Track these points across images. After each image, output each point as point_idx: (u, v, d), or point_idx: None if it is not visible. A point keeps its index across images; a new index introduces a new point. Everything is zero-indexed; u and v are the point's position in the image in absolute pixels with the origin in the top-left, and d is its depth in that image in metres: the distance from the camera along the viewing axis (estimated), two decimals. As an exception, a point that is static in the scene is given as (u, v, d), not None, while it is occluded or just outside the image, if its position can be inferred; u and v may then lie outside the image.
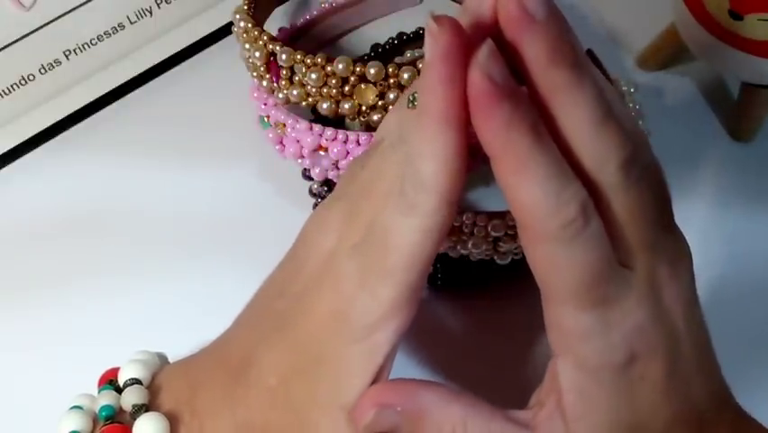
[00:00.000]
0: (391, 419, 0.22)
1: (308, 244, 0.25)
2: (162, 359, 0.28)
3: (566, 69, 0.20)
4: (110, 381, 0.26)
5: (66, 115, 0.42)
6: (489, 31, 0.21)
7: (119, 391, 0.25)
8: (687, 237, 0.23)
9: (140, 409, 0.24)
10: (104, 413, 0.24)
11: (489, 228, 0.29)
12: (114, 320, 0.34)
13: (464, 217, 0.30)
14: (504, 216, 0.29)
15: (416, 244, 0.22)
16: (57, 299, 0.35)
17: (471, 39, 0.20)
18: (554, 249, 0.20)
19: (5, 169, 0.41)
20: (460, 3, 0.44)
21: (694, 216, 0.23)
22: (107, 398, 0.25)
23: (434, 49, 0.20)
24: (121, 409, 0.25)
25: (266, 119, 0.34)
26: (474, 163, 0.30)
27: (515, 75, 0.20)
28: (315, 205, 0.36)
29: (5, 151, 0.41)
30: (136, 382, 0.25)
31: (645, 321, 0.21)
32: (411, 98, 0.23)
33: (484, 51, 0.20)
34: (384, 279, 0.22)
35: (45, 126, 0.41)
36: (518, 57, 0.21)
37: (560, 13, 0.20)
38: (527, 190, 0.20)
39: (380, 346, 0.22)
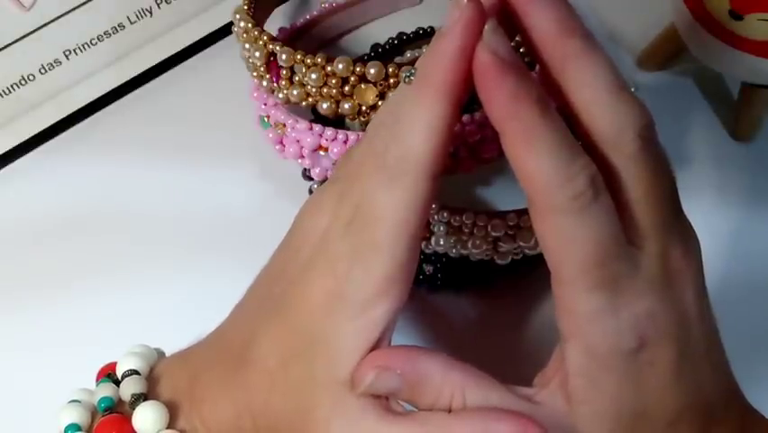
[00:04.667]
0: (391, 383, 0.22)
1: (303, 228, 0.25)
2: (160, 353, 0.28)
3: (578, 37, 0.21)
4: (108, 374, 0.26)
5: (66, 115, 0.42)
6: (500, 10, 0.21)
7: (117, 383, 0.25)
8: (687, 237, 0.23)
9: (139, 399, 0.24)
10: (103, 404, 0.24)
11: (489, 228, 0.29)
12: (114, 320, 0.34)
13: (464, 217, 0.30)
14: (504, 216, 0.29)
15: (400, 217, 0.22)
16: (57, 298, 0.35)
17: (485, 11, 0.21)
18: (563, 221, 0.20)
19: (5, 169, 0.41)
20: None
21: (694, 216, 0.22)
22: (106, 390, 0.25)
23: (456, 19, 0.20)
24: (120, 401, 0.25)
25: (266, 119, 0.34)
26: (474, 163, 0.30)
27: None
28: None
29: (5, 151, 0.41)
30: (134, 372, 0.25)
31: (656, 305, 0.21)
32: (408, 73, 0.23)
33: (489, 28, 0.20)
34: (374, 254, 0.22)
35: (45, 126, 0.41)
36: (527, 34, 0.21)
37: None
38: (536, 161, 0.20)
39: (376, 322, 0.22)
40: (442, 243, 0.30)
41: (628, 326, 0.21)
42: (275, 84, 0.32)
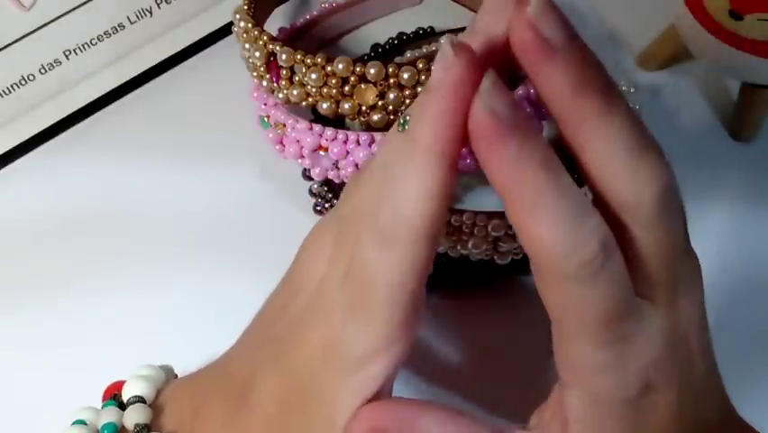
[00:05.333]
0: None
1: (303, 268, 0.24)
2: (168, 372, 0.27)
3: (595, 97, 0.19)
4: (114, 395, 0.26)
5: (66, 115, 0.42)
6: (501, 53, 0.19)
7: (122, 407, 0.25)
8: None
9: (142, 430, 0.24)
10: (106, 431, 0.24)
11: (489, 228, 0.29)
12: (113, 320, 0.34)
13: (464, 217, 0.30)
14: (504, 216, 0.29)
15: (395, 280, 0.21)
16: (57, 298, 0.35)
17: (480, 64, 0.19)
18: (572, 289, 0.19)
19: (5, 169, 0.41)
20: (460, 3, 0.44)
21: (694, 217, 0.22)
22: (110, 415, 0.25)
23: (442, 77, 0.19)
24: (123, 428, 0.25)
25: (266, 119, 0.34)
26: (474, 163, 0.30)
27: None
28: (316, 205, 0.36)
29: (5, 151, 0.41)
30: (140, 400, 0.25)
31: (663, 352, 0.20)
32: (402, 121, 0.21)
33: (486, 83, 0.18)
34: (369, 314, 0.21)
35: (45, 126, 0.41)
36: (538, 86, 0.19)
37: (579, 36, 0.19)
38: (542, 230, 0.18)
39: (374, 379, 0.21)
40: (442, 243, 0.30)
41: (635, 376, 0.20)
42: (275, 84, 0.32)
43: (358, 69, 0.30)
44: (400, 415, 0.22)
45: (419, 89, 0.30)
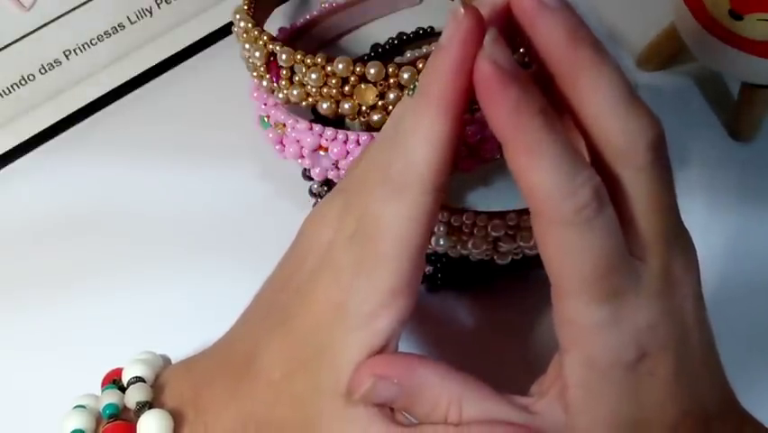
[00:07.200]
0: (388, 391, 0.22)
1: (308, 238, 0.25)
2: (165, 360, 0.28)
3: (589, 48, 0.20)
4: (113, 380, 0.26)
5: (66, 115, 0.42)
6: (502, 21, 0.21)
7: (123, 390, 0.25)
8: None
9: (144, 406, 0.24)
10: (108, 411, 0.24)
11: (489, 228, 0.29)
12: (114, 319, 0.34)
13: (464, 217, 0.30)
14: (504, 216, 0.29)
15: (404, 231, 0.22)
16: (57, 298, 0.35)
17: (486, 23, 0.20)
18: (567, 235, 0.20)
19: (5, 169, 0.41)
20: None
21: (694, 216, 0.22)
22: (111, 396, 0.25)
23: (453, 31, 0.20)
24: (125, 408, 0.25)
25: (266, 119, 0.34)
26: (474, 163, 0.30)
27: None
28: (316, 205, 0.36)
29: (5, 151, 0.41)
30: (140, 380, 0.25)
31: (657, 317, 0.21)
32: (412, 87, 0.23)
33: (489, 38, 0.20)
34: (378, 267, 0.22)
35: (45, 126, 0.41)
36: (533, 44, 0.21)
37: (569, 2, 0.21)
38: (539, 174, 0.20)
39: (380, 334, 0.22)
40: (442, 243, 0.30)
41: (630, 338, 0.21)
42: (275, 84, 0.32)
43: (358, 69, 0.30)
44: (401, 363, 0.22)
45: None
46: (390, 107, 0.30)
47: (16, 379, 0.33)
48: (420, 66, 0.30)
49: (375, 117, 0.31)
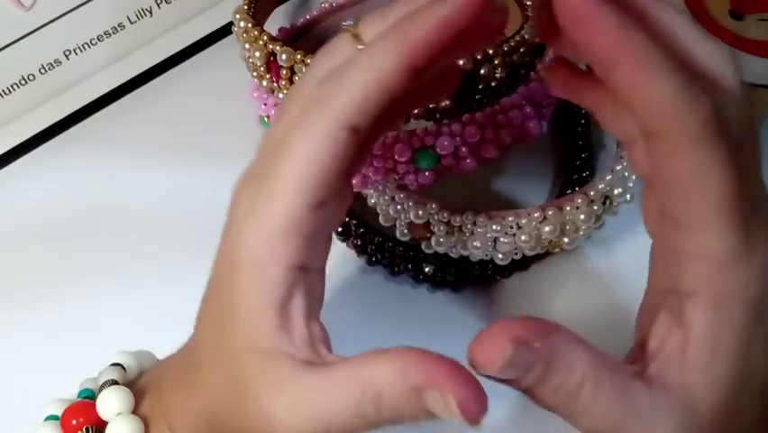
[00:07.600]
0: (526, 359, 0.19)
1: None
2: (149, 358, 0.27)
3: None
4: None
5: (66, 115, 0.42)
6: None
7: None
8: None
9: (107, 384, 0.24)
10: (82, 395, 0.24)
11: (489, 228, 0.29)
12: (113, 319, 0.34)
13: (464, 217, 0.30)
14: (504, 216, 0.29)
15: (301, 163, 0.20)
16: (57, 298, 0.35)
17: None
18: (697, 152, 0.18)
19: (5, 169, 0.41)
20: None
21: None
22: (88, 383, 0.25)
23: None
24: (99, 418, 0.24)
25: (266, 119, 0.34)
26: (474, 163, 0.30)
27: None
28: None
29: (5, 151, 0.41)
30: (115, 383, 0.25)
31: None
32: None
33: None
34: (268, 205, 0.20)
35: (45, 126, 0.41)
36: None
37: None
38: (661, 84, 0.18)
39: (275, 283, 0.20)
40: (442, 243, 0.30)
41: (760, 272, 0.19)
42: (275, 84, 0.32)
43: (358, 69, 0.30)
44: (535, 325, 0.20)
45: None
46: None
47: (16, 378, 0.33)
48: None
49: (375, 117, 0.31)
